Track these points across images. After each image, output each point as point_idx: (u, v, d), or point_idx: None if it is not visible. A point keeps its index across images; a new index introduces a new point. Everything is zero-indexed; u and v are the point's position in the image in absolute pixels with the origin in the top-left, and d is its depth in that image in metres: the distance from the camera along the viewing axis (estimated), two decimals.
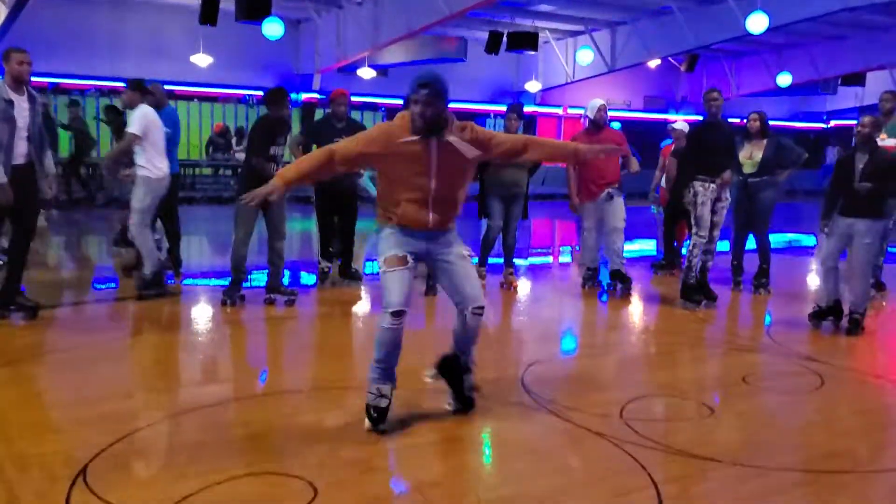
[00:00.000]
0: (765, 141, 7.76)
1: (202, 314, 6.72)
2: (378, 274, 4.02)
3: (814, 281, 8.94)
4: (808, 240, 13.39)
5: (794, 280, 9.22)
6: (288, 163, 4.41)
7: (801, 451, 3.89)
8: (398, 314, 3.82)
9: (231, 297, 6.67)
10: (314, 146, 7.56)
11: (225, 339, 6.05)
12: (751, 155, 7.77)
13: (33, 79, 6.39)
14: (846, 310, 6.28)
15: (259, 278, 7.37)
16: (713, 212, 6.95)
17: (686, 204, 7.13)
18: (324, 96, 7.69)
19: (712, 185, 6.89)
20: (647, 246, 11.23)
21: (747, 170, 7.75)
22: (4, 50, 5.66)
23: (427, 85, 3.75)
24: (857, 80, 24.43)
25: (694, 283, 7.06)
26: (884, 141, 7.00)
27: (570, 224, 14.42)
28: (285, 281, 7.13)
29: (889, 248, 7.97)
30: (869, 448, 4.02)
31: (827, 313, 6.36)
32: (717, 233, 7.08)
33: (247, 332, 6.36)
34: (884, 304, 7.63)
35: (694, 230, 7.02)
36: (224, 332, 6.22)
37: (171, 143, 7.40)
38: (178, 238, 8.04)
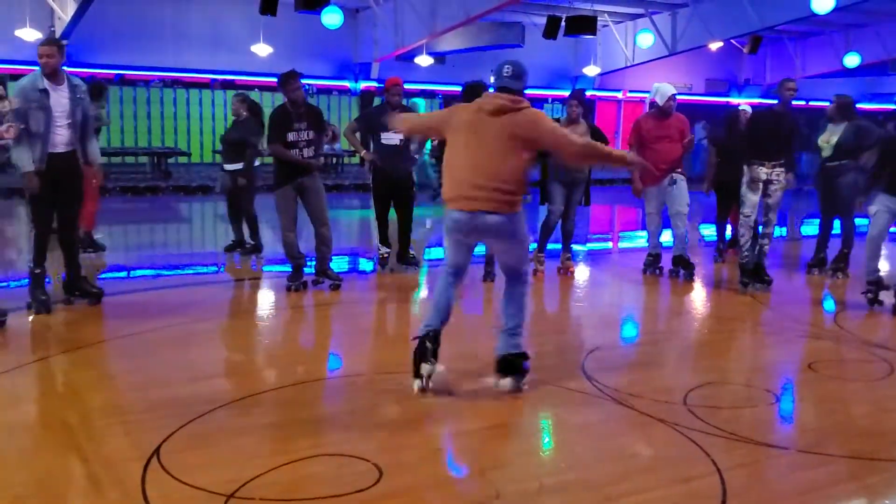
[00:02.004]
0: (844, 125, 7.63)
1: (267, 300, 6.86)
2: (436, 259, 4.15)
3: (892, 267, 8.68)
4: None
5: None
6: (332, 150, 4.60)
7: (869, 439, 3.81)
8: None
9: (295, 284, 6.80)
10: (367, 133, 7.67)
11: (289, 325, 6.18)
12: (829, 139, 7.68)
13: (99, 71, 6.56)
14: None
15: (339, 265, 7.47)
16: (767, 194, 6.89)
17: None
18: (382, 85, 7.75)
19: (762, 168, 6.83)
20: (711, 231, 11.06)
21: (825, 154, 7.68)
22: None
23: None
24: None
25: (747, 265, 7.00)
26: None
27: (631, 209, 14.27)
28: (343, 266, 7.22)
29: None
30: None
31: (877, 288, 6.37)
32: (773, 216, 7.01)
33: (310, 317, 6.48)
34: None
35: (742, 210, 7.05)
36: (288, 318, 6.34)
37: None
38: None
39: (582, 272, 8.37)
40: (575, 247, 8.49)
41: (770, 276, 7.09)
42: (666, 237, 7.95)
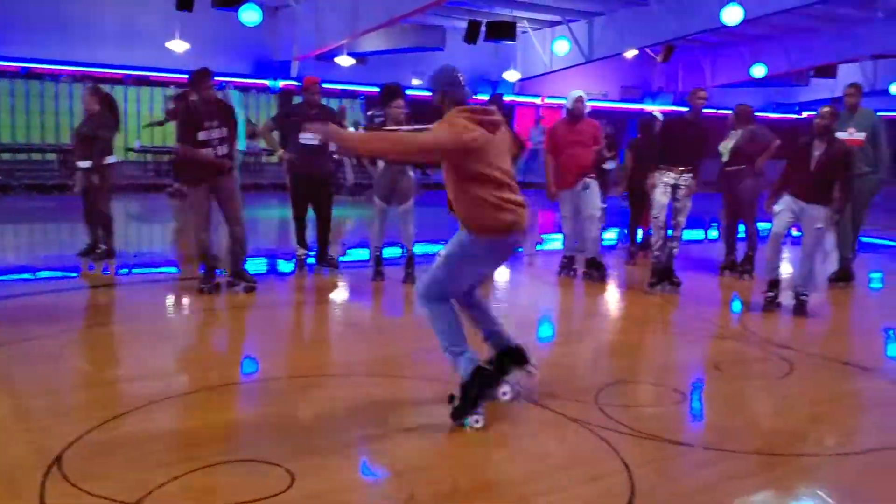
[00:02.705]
0: (741, 131, 8.00)
1: (179, 302, 6.69)
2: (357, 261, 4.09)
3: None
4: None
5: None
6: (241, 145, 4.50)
7: (768, 436, 3.97)
8: None
9: (208, 286, 6.65)
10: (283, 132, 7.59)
11: (202, 328, 6.04)
12: (728, 145, 8.05)
13: (5, 63, 6.31)
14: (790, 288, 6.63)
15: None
16: (675, 199, 7.12)
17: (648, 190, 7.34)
18: (301, 84, 7.67)
19: (670, 173, 7.09)
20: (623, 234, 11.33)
21: (724, 159, 8.05)
22: None
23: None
24: (828, 72, 24.69)
25: (658, 265, 7.23)
26: (852, 135, 7.18)
27: (547, 212, 14.48)
28: (261, 268, 7.12)
29: (860, 238, 8.12)
30: (835, 433, 4.12)
31: (776, 289, 6.63)
32: (682, 219, 7.26)
33: (224, 320, 6.35)
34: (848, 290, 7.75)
35: (652, 213, 7.32)
36: (201, 321, 6.20)
37: None
38: None
39: (500, 274, 8.45)
40: None
41: (678, 278, 7.32)
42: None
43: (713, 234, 12.74)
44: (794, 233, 6.98)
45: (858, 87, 7.77)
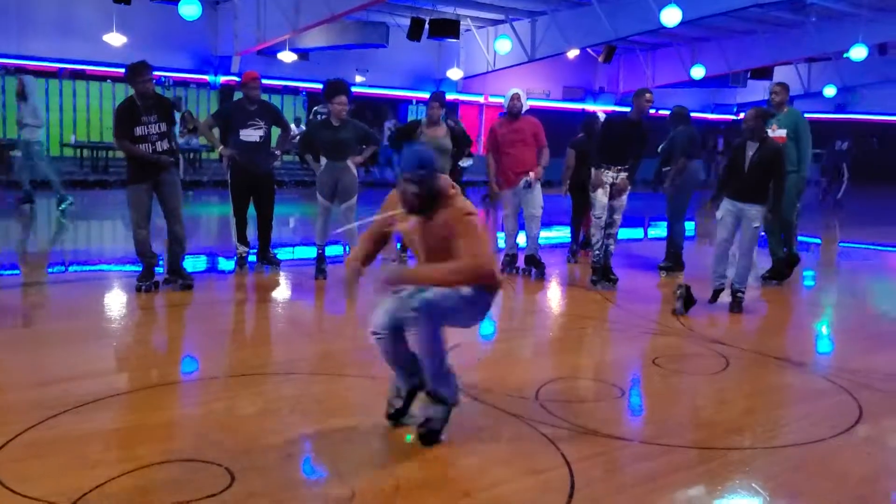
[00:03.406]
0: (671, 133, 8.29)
1: (117, 301, 6.54)
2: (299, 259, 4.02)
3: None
4: None
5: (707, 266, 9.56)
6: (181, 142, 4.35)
7: (705, 430, 4.07)
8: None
9: (146, 284, 6.51)
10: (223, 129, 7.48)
11: (141, 327, 5.91)
12: (660, 147, 8.31)
13: None
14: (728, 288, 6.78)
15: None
16: (611, 196, 7.24)
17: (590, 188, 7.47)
18: (241, 79, 7.59)
19: (608, 171, 7.22)
20: (564, 233, 11.45)
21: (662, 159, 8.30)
22: None
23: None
24: (765, 73, 25.37)
25: (597, 264, 7.35)
26: (774, 132, 7.38)
27: (495, 211, 14.55)
28: (201, 266, 7.02)
29: (799, 237, 8.35)
30: (768, 426, 4.24)
31: (715, 297, 6.80)
32: (617, 216, 7.41)
33: (163, 319, 6.24)
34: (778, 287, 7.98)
35: (592, 212, 7.45)
36: (139, 320, 6.07)
37: None
38: None
39: None
40: None
41: (616, 275, 7.45)
42: (521, 238, 8.18)
43: (653, 232, 13.00)
44: None
45: (784, 86, 7.96)
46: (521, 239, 8.19)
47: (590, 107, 24.70)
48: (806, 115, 7.99)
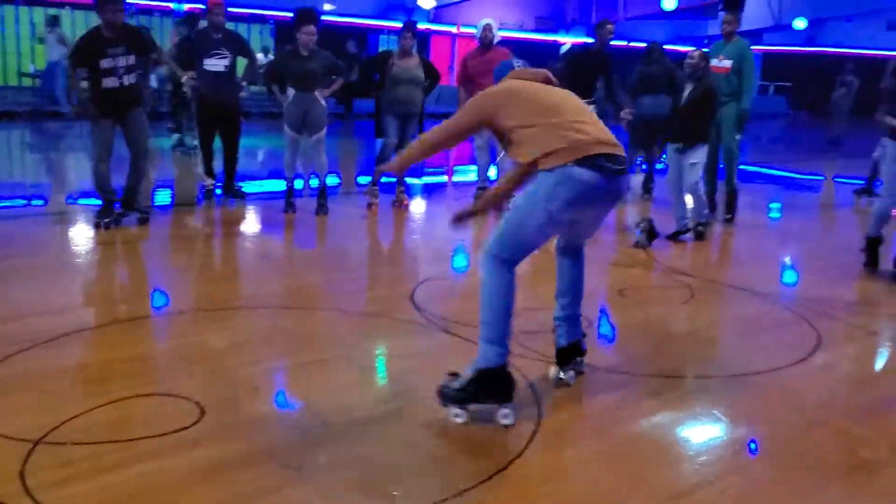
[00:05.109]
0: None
1: (79, 236, 6.45)
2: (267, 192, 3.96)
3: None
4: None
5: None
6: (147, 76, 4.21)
7: (670, 359, 4.16)
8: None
9: (105, 220, 6.39)
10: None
11: (105, 262, 5.85)
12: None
13: None
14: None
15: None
16: None
17: None
18: (205, 6, 7.36)
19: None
20: None
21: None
22: None
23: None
24: (736, 5, 25.17)
25: None
26: (721, 62, 7.34)
27: (464, 143, 14.46)
28: (166, 199, 6.93)
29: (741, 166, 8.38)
30: (731, 354, 4.34)
31: (682, 233, 6.86)
32: None
33: (127, 253, 6.17)
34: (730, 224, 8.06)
35: None
36: (104, 255, 5.99)
37: None
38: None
39: (416, 205, 8.46)
40: (409, 180, 8.54)
41: None
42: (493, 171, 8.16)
43: None
44: None
45: (736, 16, 7.91)
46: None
47: (562, 38, 24.42)
48: (778, 48, 7.98)
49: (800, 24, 26.81)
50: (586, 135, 3.22)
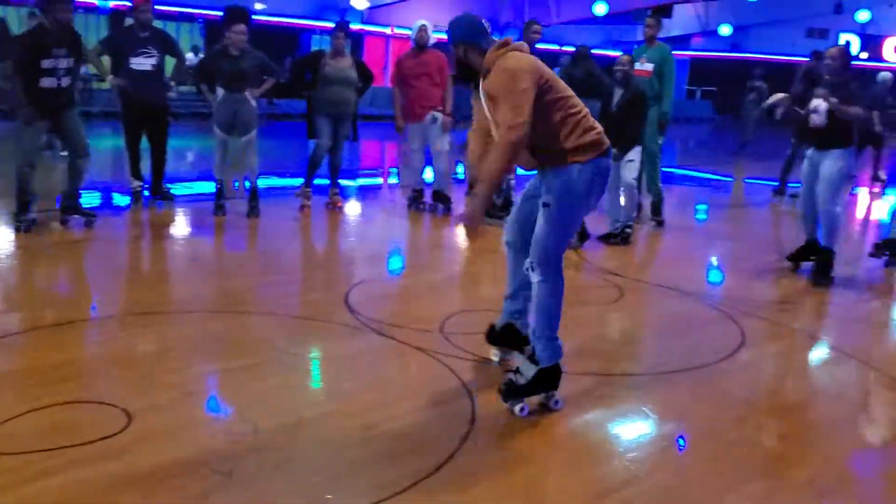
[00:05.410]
0: None
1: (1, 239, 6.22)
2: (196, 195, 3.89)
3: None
4: None
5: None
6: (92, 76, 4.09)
7: (601, 357, 4.23)
8: (506, 244, 3.82)
9: (25, 223, 6.16)
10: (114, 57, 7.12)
11: (33, 266, 5.66)
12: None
13: None
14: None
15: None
16: None
17: None
18: (132, 3, 7.18)
19: None
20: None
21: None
22: None
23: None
24: (664, 11, 25.84)
25: (496, 200, 7.46)
26: (643, 65, 7.50)
27: (399, 145, 14.46)
28: (95, 201, 6.75)
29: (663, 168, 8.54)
30: (659, 352, 4.44)
31: (615, 236, 7.00)
32: None
33: (54, 257, 5.97)
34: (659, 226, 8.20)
35: None
36: (30, 258, 5.79)
37: None
38: None
39: (350, 207, 8.42)
40: (343, 182, 8.49)
41: None
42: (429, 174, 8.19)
43: None
44: None
45: (658, 20, 8.00)
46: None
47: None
48: (704, 53, 8.17)
49: (725, 30, 27.63)
50: (599, 127, 3.41)
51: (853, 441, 3.46)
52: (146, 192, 7.53)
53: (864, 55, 28.34)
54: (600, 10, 24.68)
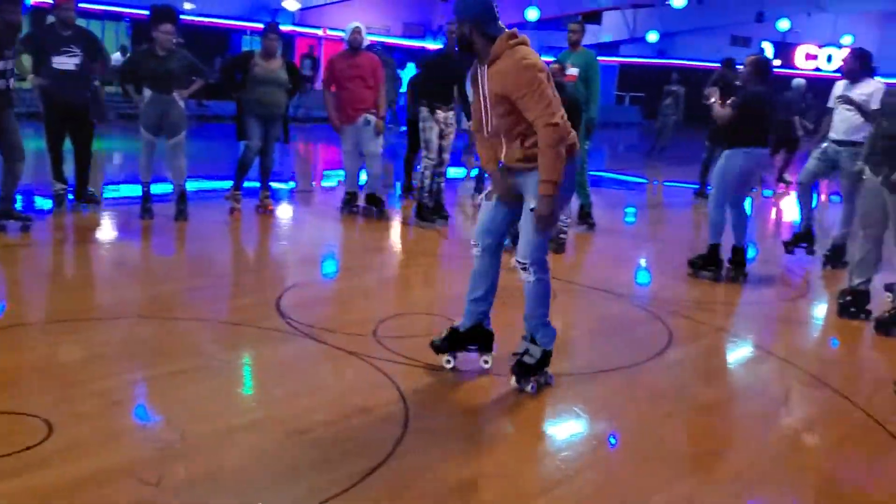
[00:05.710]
0: None
1: None
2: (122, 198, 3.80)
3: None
4: None
5: None
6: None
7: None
8: (476, 247, 3.86)
9: None
10: (33, 57, 6.90)
11: None
12: None
13: None
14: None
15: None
16: (441, 136, 7.38)
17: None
18: (54, 1, 6.93)
19: (440, 112, 7.35)
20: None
21: None
22: None
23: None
24: (594, 17, 26.35)
25: (428, 203, 7.50)
26: (568, 70, 7.59)
27: (332, 147, 14.37)
28: (16, 205, 6.51)
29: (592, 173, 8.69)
30: (590, 352, 4.51)
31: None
32: (446, 156, 7.65)
33: None
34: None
35: (424, 153, 7.54)
36: None
37: None
38: None
39: (282, 210, 8.31)
40: (274, 185, 8.37)
41: (447, 212, 7.65)
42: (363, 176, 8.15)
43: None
44: None
45: (581, 25, 8.08)
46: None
47: (429, 45, 24.68)
48: (633, 59, 8.33)
49: (652, 37, 28.26)
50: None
51: (777, 435, 3.58)
52: (70, 196, 7.30)
53: (778, 62, 29.36)
54: (532, 15, 24.98)
